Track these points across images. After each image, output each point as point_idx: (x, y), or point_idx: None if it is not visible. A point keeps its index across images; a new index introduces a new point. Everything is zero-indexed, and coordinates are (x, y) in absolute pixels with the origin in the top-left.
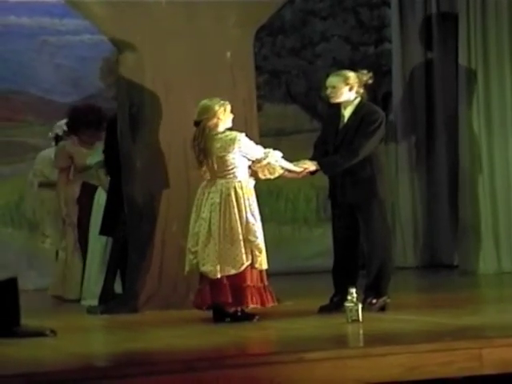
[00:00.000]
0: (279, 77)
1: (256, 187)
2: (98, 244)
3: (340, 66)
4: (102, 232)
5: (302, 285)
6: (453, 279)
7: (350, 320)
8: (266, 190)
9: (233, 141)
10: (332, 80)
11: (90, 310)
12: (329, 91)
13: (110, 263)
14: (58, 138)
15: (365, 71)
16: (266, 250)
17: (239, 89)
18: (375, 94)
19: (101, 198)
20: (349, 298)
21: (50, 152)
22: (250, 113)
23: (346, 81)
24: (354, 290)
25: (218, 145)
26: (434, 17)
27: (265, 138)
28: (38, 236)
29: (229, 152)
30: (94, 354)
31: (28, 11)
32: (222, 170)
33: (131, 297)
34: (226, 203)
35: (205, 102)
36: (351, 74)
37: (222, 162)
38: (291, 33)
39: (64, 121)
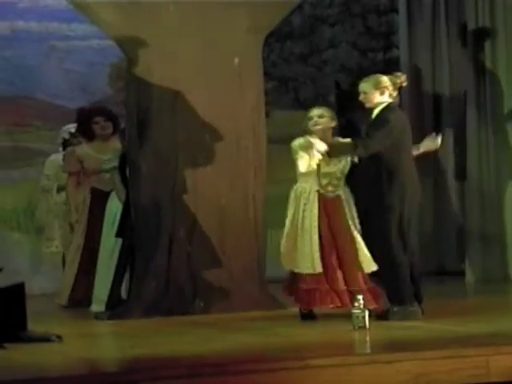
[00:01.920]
0: (287, 83)
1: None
2: (108, 250)
3: (348, 72)
4: (118, 234)
5: None
6: (460, 286)
7: (356, 327)
8: (275, 197)
9: None
10: (363, 86)
11: (97, 316)
12: (361, 97)
13: (117, 269)
14: (65, 143)
15: (399, 73)
16: (274, 256)
17: (247, 95)
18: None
19: (113, 203)
20: (355, 304)
21: (58, 157)
22: (258, 119)
23: (376, 85)
24: (360, 297)
25: None
26: (443, 23)
27: (273, 145)
28: (43, 241)
29: None
30: (100, 360)
31: (36, 16)
32: None
33: (138, 302)
34: None
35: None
36: (382, 78)
37: None
38: (300, 39)
39: (71, 125)
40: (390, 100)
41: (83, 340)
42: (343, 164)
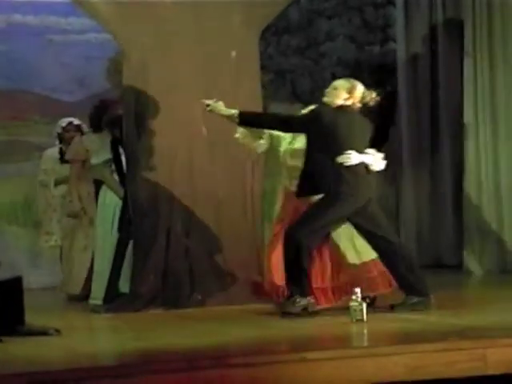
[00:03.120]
0: (284, 76)
1: None
2: (106, 243)
3: (345, 65)
4: (119, 229)
5: None
6: (456, 279)
7: (354, 320)
8: (272, 190)
9: None
10: (339, 82)
11: (95, 309)
12: (329, 89)
13: (115, 262)
14: (60, 137)
15: (374, 92)
16: None
17: (244, 88)
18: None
19: (107, 196)
20: (353, 297)
21: (54, 151)
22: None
23: (350, 89)
24: (358, 290)
25: None
26: (440, 16)
27: None
28: (41, 236)
29: None
30: (97, 353)
31: (33, 10)
32: None
33: (135, 296)
34: None
35: None
36: (359, 87)
37: None
38: (296, 32)
39: (66, 119)
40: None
41: (82, 333)
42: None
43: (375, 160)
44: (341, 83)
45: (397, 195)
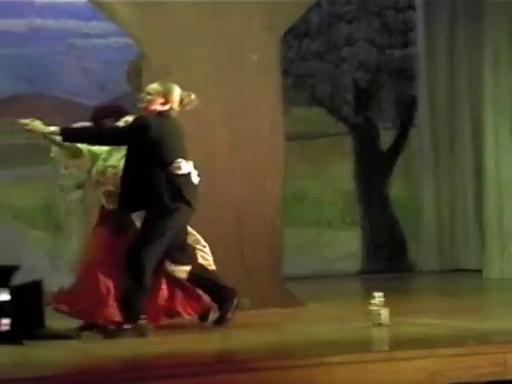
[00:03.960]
0: (305, 80)
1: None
2: None
3: (365, 69)
4: None
5: (327, 288)
6: (477, 283)
7: (374, 324)
8: (291, 194)
9: None
10: (152, 86)
11: None
12: (142, 95)
13: None
14: None
15: (193, 95)
16: (291, 254)
17: (265, 92)
18: (400, 97)
19: None
20: (373, 301)
21: None
22: (276, 117)
23: (165, 93)
24: (378, 294)
25: None
26: (460, 20)
27: (290, 142)
28: (63, 238)
29: None
30: (115, 357)
31: (54, 14)
32: None
33: None
34: None
35: None
36: (175, 90)
37: None
38: (317, 36)
39: (80, 123)
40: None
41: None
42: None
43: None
44: (155, 88)
45: (418, 198)
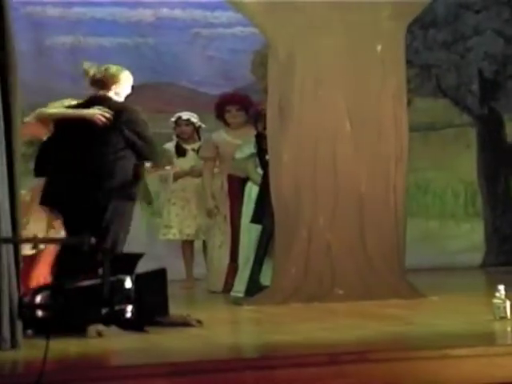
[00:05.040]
0: (430, 70)
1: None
2: (251, 236)
3: (492, 59)
4: (253, 220)
5: (449, 280)
6: None
7: (497, 317)
8: (414, 185)
9: None
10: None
11: (236, 302)
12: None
13: (257, 255)
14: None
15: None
16: (413, 245)
17: (389, 83)
18: None
19: (252, 191)
20: (497, 294)
21: (172, 145)
22: (400, 107)
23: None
24: (502, 287)
25: None
26: None
27: (414, 133)
28: (160, 229)
29: None
30: (239, 345)
31: (181, 4)
32: None
33: (277, 289)
34: None
35: None
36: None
37: None
38: (443, 26)
39: (178, 114)
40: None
41: (222, 325)
42: None
43: None
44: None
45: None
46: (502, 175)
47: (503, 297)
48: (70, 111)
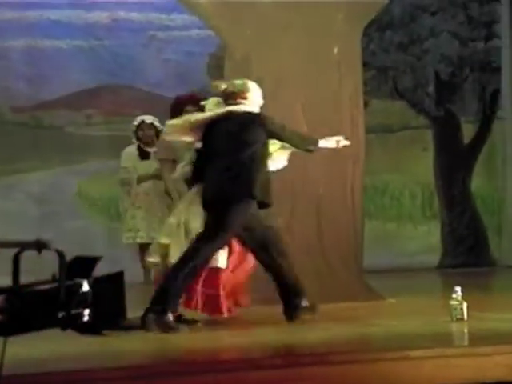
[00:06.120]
0: (386, 72)
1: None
2: None
3: (448, 61)
4: None
5: (406, 282)
6: None
7: (454, 318)
8: (372, 187)
9: None
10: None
11: None
12: None
13: None
14: (136, 134)
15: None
16: (371, 247)
17: (346, 85)
18: (483, 91)
19: None
20: (453, 296)
21: (133, 148)
22: (356, 109)
23: None
24: (459, 289)
25: None
26: None
27: (371, 135)
28: (123, 233)
29: None
30: (196, 348)
31: (137, 6)
32: None
33: None
34: None
35: None
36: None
37: None
38: (399, 28)
39: (140, 117)
40: None
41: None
42: None
43: None
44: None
45: (500, 191)
46: (458, 177)
47: (460, 298)
48: None
